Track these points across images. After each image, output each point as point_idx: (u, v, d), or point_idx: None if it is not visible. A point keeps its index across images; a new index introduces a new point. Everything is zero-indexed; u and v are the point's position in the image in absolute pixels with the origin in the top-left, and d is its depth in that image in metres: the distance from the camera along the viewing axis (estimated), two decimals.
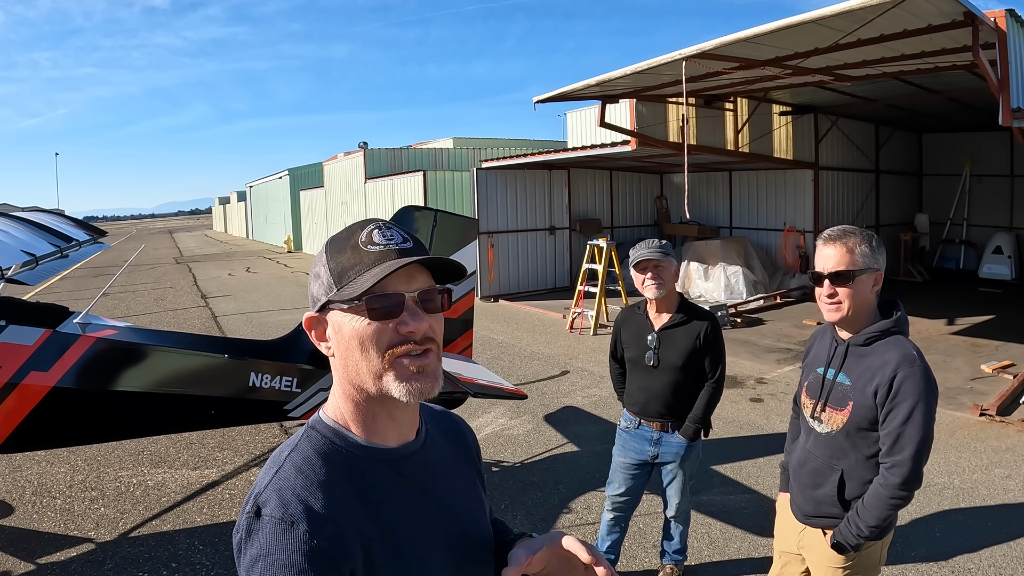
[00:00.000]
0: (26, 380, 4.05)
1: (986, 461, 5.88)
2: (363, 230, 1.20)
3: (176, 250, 38.78)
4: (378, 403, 1.19)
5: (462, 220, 5.71)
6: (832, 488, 2.47)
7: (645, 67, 8.40)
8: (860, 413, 2.38)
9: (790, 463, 2.75)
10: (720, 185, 16.94)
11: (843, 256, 2.36)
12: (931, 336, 10.54)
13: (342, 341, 1.18)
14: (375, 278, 1.13)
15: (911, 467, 2.27)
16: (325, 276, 1.19)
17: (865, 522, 2.35)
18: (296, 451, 1.17)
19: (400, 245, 1.19)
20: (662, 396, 3.73)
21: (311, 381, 4.62)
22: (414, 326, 1.16)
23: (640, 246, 3.69)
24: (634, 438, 3.86)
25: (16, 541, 4.71)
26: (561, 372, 9.14)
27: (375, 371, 1.16)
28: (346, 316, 1.16)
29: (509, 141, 28.88)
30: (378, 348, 1.15)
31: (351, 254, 1.18)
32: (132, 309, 15.67)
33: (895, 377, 2.29)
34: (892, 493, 2.30)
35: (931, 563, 4.30)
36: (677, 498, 3.89)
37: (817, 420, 2.53)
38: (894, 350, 2.34)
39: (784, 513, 2.77)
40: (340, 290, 1.16)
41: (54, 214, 7.35)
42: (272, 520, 1.06)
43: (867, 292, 2.39)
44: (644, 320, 3.81)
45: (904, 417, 2.27)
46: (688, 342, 3.67)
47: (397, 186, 20.60)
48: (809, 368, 2.65)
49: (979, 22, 6.35)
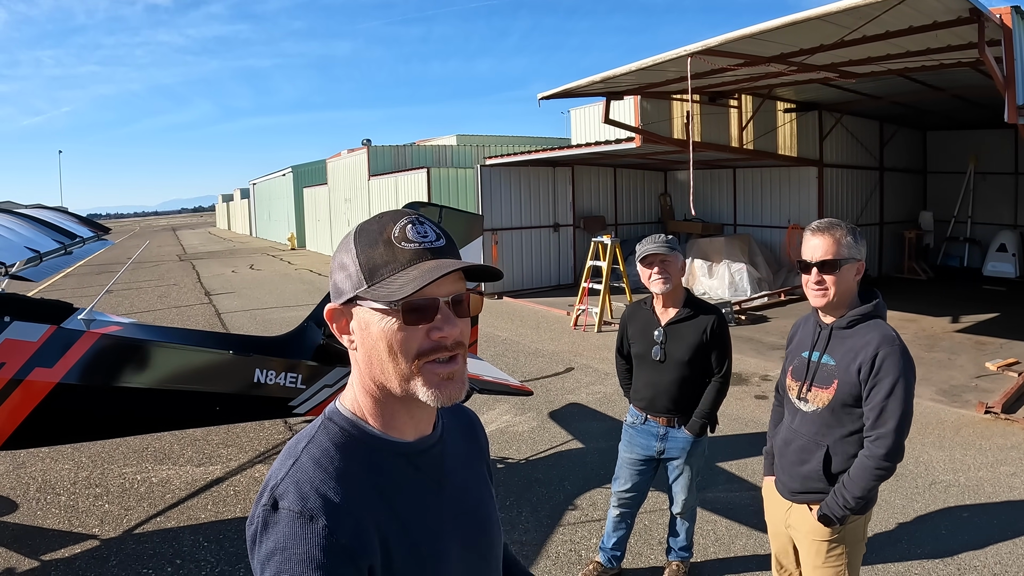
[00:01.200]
0: (30, 376, 4.05)
1: (991, 459, 5.86)
2: (396, 224, 1.14)
3: (180, 247, 38.83)
4: (400, 402, 1.17)
5: (467, 216, 5.70)
6: (818, 464, 2.60)
7: (650, 63, 8.37)
8: (845, 390, 2.53)
9: (775, 445, 2.89)
10: (724, 182, 16.90)
11: (830, 246, 2.52)
12: (936, 334, 10.52)
13: (369, 339, 1.14)
14: (417, 284, 1.07)
15: (894, 439, 2.42)
16: (353, 269, 1.14)
17: (851, 493, 2.48)
18: (313, 443, 1.15)
19: (434, 244, 1.15)
20: (669, 391, 3.73)
21: (316, 378, 4.61)
22: (447, 331, 1.13)
23: (646, 241, 3.68)
24: (640, 434, 3.86)
25: (20, 538, 4.71)
26: (566, 369, 9.13)
27: (403, 375, 1.13)
28: (375, 315, 1.12)
29: (513, 138, 28.84)
30: (408, 353, 1.12)
31: (384, 250, 1.12)
32: (136, 306, 15.69)
33: (876, 355, 2.45)
34: (877, 464, 2.44)
35: (936, 560, 4.28)
36: (684, 494, 3.88)
37: (803, 400, 2.68)
38: (875, 331, 2.52)
39: (771, 495, 2.91)
40: (372, 287, 1.11)
41: (58, 211, 7.36)
42: (291, 514, 1.04)
43: (850, 280, 2.56)
44: (651, 315, 3.80)
45: (887, 392, 2.43)
46: (695, 337, 3.67)
47: (401, 183, 20.59)
48: (793, 353, 2.83)
49: (985, 19, 6.32)
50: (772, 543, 3.00)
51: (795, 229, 15.13)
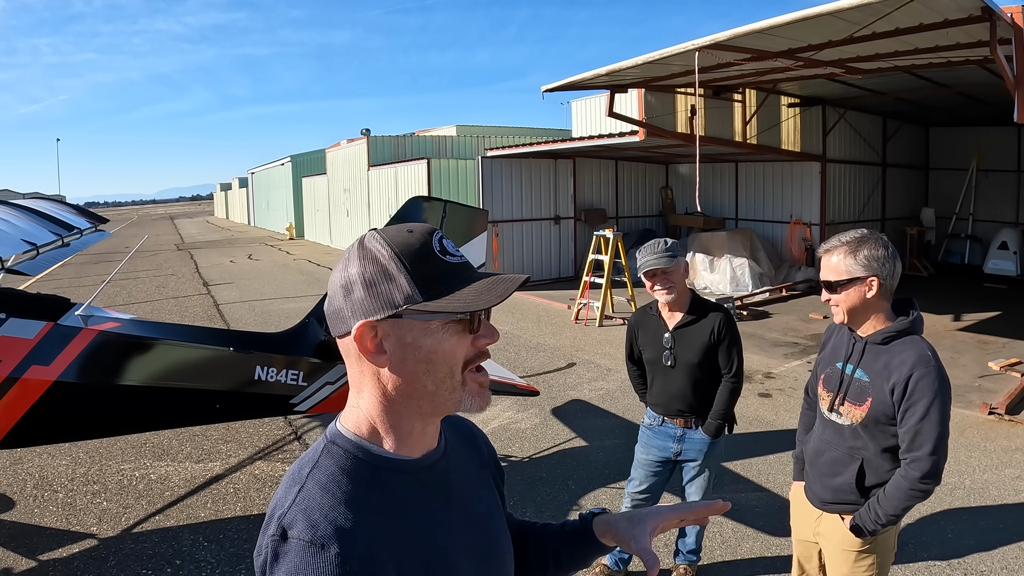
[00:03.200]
0: (27, 374, 3.97)
1: (996, 461, 5.82)
2: (432, 237, 1.13)
3: (178, 236, 38.72)
4: (424, 419, 1.15)
5: (471, 211, 5.62)
6: (851, 477, 2.57)
7: (656, 57, 8.29)
8: (879, 409, 2.47)
9: (805, 452, 2.84)
10: (727, 176, 16.84)
11: (832, 266, 2.52)
12: (938, 332, 10.47)
13: (417, 353, 1.10)
14: (494, 296, 1.08)
15: (931, 462, 2.38)
16: (403, 280, 1.08)
17: (885, 511, 2.46)
18: (318, 468, 1.11)
19: (463, 259, 1.16)
20: (682, 394, 3.71)
21: (317, 375, 4.55)
22: (490, 339, 1.14)
23: (646, 251, 3.58)
24: (657, 435, 3.84)
25: (17, 537, 4.65)
26: (568, 364, 9.08)
27: (454, 386, 1.12)
28: (424, 328, 1.09)
29: (513, 129, 28.74)
30: (458, 365, 1.12)
31: (434, 263, 1.10)
32: (133, 296, 15.61)
33: (911, 376, 2.38)
34: (913, 486, 2.41)
35: (943, 563, 4.25)
36: (697, 496, 3.84)
37: (836, 413, 2.62)
38: (910, 350, 2.45)
39: (799, 501, 2.86)
40: (433, 299, 1.07)
41: (55, 201, 7.27)
42: (301, 543, 1.01)
43: (859, 298, 2.50)
44: (658, 321, 3.77)
45: (921, 415, 2.37)
46: (703, 338, 3.65)
47: (401, 174, 20.50)
48: (826, 361, 2.74)
49: (996, 17, 6.26)
50: (795, 548, 2.96)
51: (797, 224, 15.07)
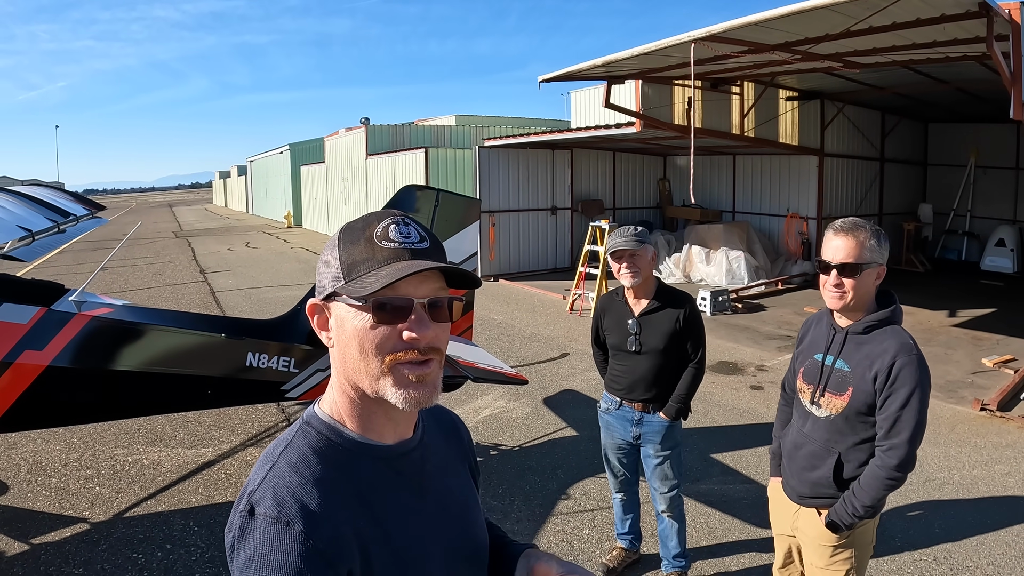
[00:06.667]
0: (20, 359, 4.00)
1: (986, 457, 5.86)
2: (380, 223, 1.15)
3: (176, 224, 38.64)
4: (375, 403, 1.16)
5: (465, 200, 5.63)
6: (828, 470, 2.57)
7: (652, 48, 8.27)
8: (860, 399, 2.48)
9: (783, 447, 2.85)
10: (724, 169, 16.82)
11: (852, 249, 2.44)
12: (932, 327, 10.51)
13: (343, 336, 1.15)
14: (385, 280, 1.08)
15: (907, 450, 2.39)
16: (335, 265, 1.15)
17: (861, 502, 2.46)
18: (291, 447, 1.14)
19: (415, 245, 1.15)
20: (646, 380, 3.76)
21: (309, 362, 4.58)
22: (419, 334, 1.12)
23: (616, 234, 3.68)
24: (616, 419, 3.90)
25: (11, 521, 4.68)
26: (560, 354, 9.10)
27: (372, 374, 1.13)
28: (350, 311, 1.13)
29: (512, 119, 28.66)
30: (379, 352, 1.12)
31: (364, 247, 1.13)
32: (130, 283, 15.61)
33: (894, 364, 2.40)
34: (888, 474, 2.41)
35: (929, 558, 4.28)
36: (663, 487, 3.84)
37: (816, 405, 2.62)
38: (892, 339, 2.46)
39: (777, 497, 2.88)
40: (348, 284, 1.12)
41: (52, 188, 7.27)
42: (267, 520, 1.04)
43: (870, 284, 2.49)
44: (624, 306, 3.81)
45: (902, 402, 2.38)
46: (668, 326, 3.70)
47: (399, 163, 20.46)
48: (805, 354, 2.75)
49: (994, 13, 6.24)
50: (777, 543, 2.98)
51: (794, 218, 15.08)
